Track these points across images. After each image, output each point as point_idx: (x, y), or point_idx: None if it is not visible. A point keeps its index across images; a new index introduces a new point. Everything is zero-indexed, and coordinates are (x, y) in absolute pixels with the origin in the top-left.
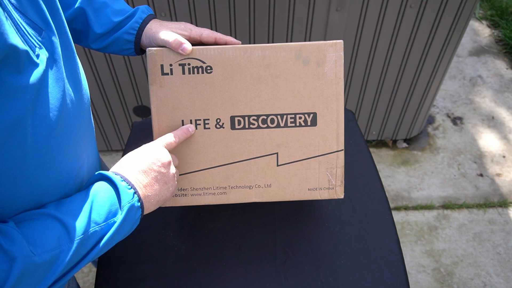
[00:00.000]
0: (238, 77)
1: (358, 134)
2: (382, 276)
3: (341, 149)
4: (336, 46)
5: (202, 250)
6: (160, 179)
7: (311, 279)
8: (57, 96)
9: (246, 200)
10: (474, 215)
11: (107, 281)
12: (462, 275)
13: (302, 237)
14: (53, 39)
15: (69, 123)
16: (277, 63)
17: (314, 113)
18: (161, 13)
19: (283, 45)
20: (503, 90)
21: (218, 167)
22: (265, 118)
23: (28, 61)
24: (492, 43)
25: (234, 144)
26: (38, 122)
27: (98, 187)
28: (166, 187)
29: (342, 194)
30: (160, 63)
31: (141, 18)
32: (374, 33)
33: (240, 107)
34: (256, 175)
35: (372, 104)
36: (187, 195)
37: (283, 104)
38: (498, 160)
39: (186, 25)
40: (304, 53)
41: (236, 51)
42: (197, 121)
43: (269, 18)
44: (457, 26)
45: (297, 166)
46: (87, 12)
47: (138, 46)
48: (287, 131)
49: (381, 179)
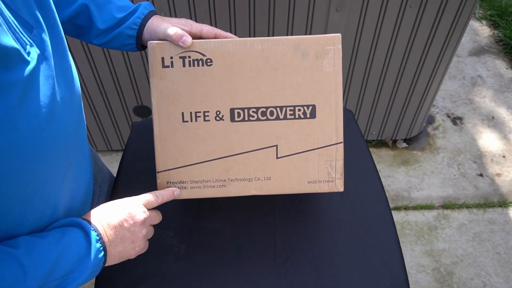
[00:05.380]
0: (238, 69)
1: (358, 134)
2: (382, 276)
3: (340, 142)
4: (334, 39)
5: (202, 250)
6: (128, 238)
7: (311, 279)
8: (47, 93)
9: (246, 193)
10: (474, 215)
11: (107, 281)
12: (462, 275)
13: (302, 237)
14: (43, 37)
15: (60, 120)
16: (276, 56)
17: (313, 105)
18: (161, 13)
19: (282, 38)
20: (503, 90)
21: (218, 159)
22: (265, 111)
23: (19, 58)
24: (492, 43)
25: (233, 136)
26: (29, 118)
27: (71, 238)
28: (131, 246)
29: (342, 187)
30: (161, 56)
31: (143, 13)
32: (374, 33)
33: (240, 100)
34: (255, 167)
35: (372, 104)
36: (187, 187)
37: (282, 97)
38: (498, 160)
39: (187, 20)
40: (302, 46)
41: (236, 44)
42: (197, 113)
43: (269, 18)
44: (457, 26)
45: (297, 158)
46: (90, 8)
47: (139, 42)
48: (287, 123)
49: (381, 179)
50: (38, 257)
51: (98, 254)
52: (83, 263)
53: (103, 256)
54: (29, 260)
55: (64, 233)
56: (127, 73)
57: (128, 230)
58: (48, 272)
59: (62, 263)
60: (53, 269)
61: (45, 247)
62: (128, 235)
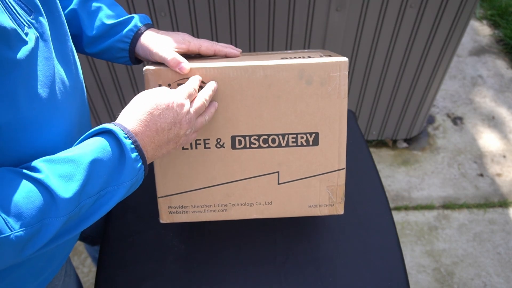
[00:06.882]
0: (239, 97)
1: (358, 134)
2: (382, 276)
3: (342, 168)
4: (340, 66)
5: (202, 250)
6: (164, 128)
7: (311, 279)
8: (46, 74)
9: (247, 217)
10: (474, 215)
11: (107, 281)
12: (462, 275)
13: (302, 237)
14: (42, 21)
15: (62, 103)
16: (279, 83)
17: (316, 133)
18: (161, 13)
19: (285, 64)
20: (504, 90)
21: (219, 185)
22: (266, 138)
23: (17, 38)
24: (493, 43)
25: (234, 163)
26: (30, 97)
27: (100, 150)
28: (175, 133)
29: (342, 211)
30: (158, 83)
31: (136, 27)
32: (374, 33)
33: (241, 127)
34: (257, 193)
35: (372, 104)
36: (188, 212)
37: (285, 124)
38: (499, 160)
39: (185, 36)
40: (307, 72)
41: (237, 71)
42: (197, 141)
43: (269, 18)
44: (457, 26)
45: (298, 184)
46: (80, 14)
47: (133, 55)
48: (289, 151)
49: (381, 179)
50: (65, 177)
51: (135, 164)
52: (117, 175)
53: (141, 165)
54: (55, 182)
55: (93, 145)
56: (127, 73)
57: (160, 117)
58: (79, 191)
59: (93, 179)
60: (84, 187)
61: (71, 165)
62: (164, 124)
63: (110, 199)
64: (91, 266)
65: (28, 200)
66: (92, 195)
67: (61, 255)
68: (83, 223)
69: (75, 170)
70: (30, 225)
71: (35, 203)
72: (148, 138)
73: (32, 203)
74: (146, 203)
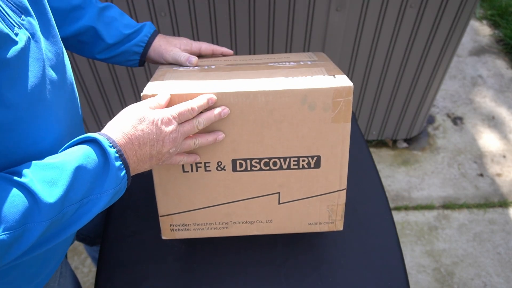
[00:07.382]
0: (240, 122)
1: (358, 134)
2: (382, 276)
3: (343, 189)
4: (345, 91)
5: (202, 250)
6: (147, 143)
7: (311, 280)
8: (37, 74)
9: (248, 233)
10: (474, 215)
11: (107, 281)
12: (462, 275)
13: (302, 237)
14: (32, 22)
15: (51, 103)
16: (281, 109)
17: (318, 156)
18: (161, 13)
19: (288, 90)
20: (504, 90)
21: (220, 205)
22: (268, 161)
23: (6, 38)
24: (493, 43)
25: (235, 185)
26: (19, 97)
27: (85, 157)
28: (158, 148)
29: (341, 227)
30: None
31: (149, 32)
32: (374, 33)
33: (242, 151)
34: (257, 212)
35: (372, 104)
36: (190, 229)
37: (287, 148)
38: (499, 160)
39: (187, 40)
40: (310, 98)
41: (238, 96)
42: (197, 164)
43: (269, 18)
44: (457, 26)
45: (299, 204)
46: (98, 29)
47: (143, 58)
48: (290, 173)
49: (381, 179)
50: (49, 182)
51: (118, 173)
52: (101, 183)
53: (125, 174)
54: (39, 186)
55: (77, 152)
56: (127, 73)
57: (143, 132)
58: (62, 197)
59: (77, 186)
60: (68, 193)
61: (55, 171)
62: (146, 139)
63: (93, 207)
64: (91, 266)
65: (12, 204)
66: (75, 202)
67: (55, 259)
68: (65, 231)
69: (60, 175)
70: (13, 229)
71: (18, 207)
72: (131, 151)
73: (15, 207)
74: (146, 203)
